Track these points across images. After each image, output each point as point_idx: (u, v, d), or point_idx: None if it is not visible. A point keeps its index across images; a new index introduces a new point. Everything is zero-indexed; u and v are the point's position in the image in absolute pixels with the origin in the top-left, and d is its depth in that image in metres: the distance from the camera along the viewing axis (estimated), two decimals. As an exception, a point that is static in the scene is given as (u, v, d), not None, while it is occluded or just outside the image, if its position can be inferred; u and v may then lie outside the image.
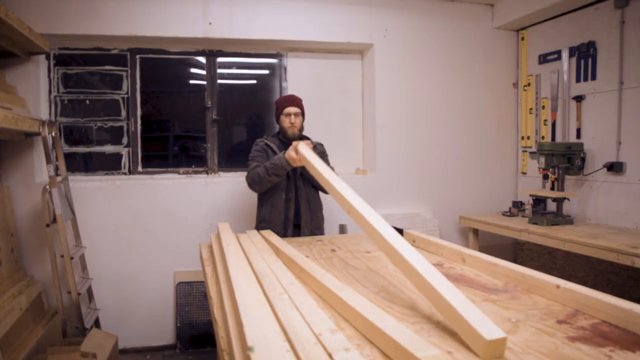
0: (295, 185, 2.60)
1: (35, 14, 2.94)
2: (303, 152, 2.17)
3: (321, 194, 2.71)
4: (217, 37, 3.26)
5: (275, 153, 2.56)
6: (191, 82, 3.52)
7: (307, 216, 2.59)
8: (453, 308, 0.97)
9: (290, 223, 2.57)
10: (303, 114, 2.68)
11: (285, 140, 2.64)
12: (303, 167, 2.37)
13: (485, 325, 0.90)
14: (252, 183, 2.55)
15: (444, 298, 1.01)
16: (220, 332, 1.16)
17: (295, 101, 2.67)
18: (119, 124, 3.35)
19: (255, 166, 2.54)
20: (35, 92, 3.04)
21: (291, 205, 2.57)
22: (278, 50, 3.57)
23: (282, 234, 2.48)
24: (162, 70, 3.42)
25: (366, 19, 3.51)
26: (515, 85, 3.88)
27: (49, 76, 3.21)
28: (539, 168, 3.15)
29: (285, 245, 1.81)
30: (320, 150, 2.69)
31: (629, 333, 0.99)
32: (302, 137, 2.68)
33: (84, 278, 3.00)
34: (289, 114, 2.61)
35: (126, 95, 3.34)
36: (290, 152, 2.31)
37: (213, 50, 3.46)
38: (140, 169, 3.39)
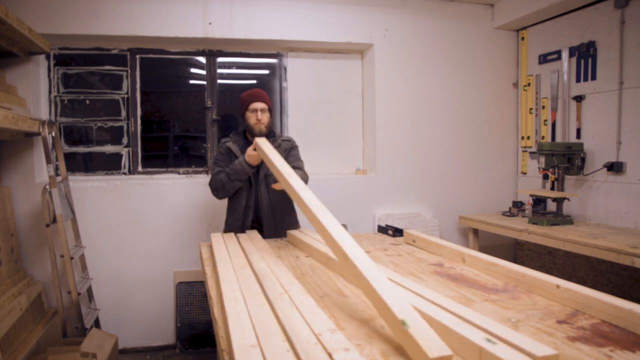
0: (257, 192, 2.49)
1: (35, 14, 2.94)
2: (260, 144, 2.19)
3: None
4: (217, 37, 3.26)
5: (237, 157, 2.45)
6: (191, 82, 3.52)
7: (270, 220, 2.48)
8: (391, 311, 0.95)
9: (248, 229, 2.47)
10: (270, 110, 2.54)
11: (251, 138, 2.51)
12: (267, 171, 2.37)
13: (432, 341, 0.85)
14: (214, 190, 2.46)
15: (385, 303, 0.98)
16: (220, 332, 1.16)
17: (262, 96, 2.51)
18: (119, 124, 3.35)
19: (218, 171, 2.45)
20: (35, 92, 3.04)
21: (249, 213, 2.48)
22: (278, 50, 3.57)
23: None
24: (162, 70, 3.42)
25: (366, 19, 3.51)
26: (515, 85, 3.88)
27: (49, 76, 3.21)
28: (539, 168, 3.15)
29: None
30: (291, 146, 2.60)
31: (629, 333, 0.99)
32: (270, 135, 2.53)
33: (84, 278, 3.00)
34: (255, 110, 2.47)
35: (126, 95, 3.34)
36: (249, 150, 2.29)
37: (213, 50, 3.46)
38: (140, 169, 3.39)
